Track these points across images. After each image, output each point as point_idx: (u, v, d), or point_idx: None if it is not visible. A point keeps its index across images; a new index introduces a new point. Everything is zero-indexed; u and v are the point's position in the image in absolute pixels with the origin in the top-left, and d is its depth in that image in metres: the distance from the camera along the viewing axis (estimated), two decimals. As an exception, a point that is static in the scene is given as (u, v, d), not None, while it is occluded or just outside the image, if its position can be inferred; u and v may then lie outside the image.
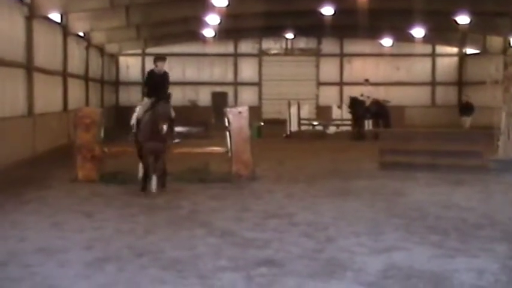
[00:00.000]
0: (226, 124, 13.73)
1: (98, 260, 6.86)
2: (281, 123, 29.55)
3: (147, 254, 7.14)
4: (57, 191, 11.85)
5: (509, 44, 32.92)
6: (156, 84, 11.53)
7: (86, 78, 28.48)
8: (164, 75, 11.73)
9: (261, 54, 39.07)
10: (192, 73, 37.68)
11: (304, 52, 39.15)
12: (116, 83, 37.25)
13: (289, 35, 37.22)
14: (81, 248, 7.45)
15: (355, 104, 26.19)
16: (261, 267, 6.60)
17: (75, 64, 26.18)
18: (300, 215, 9.57)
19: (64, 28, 23.89)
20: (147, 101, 11.58)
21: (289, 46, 39.01)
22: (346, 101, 28.67)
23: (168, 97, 11.05)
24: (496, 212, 9.84)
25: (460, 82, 38.49)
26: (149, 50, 36.40)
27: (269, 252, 7.27)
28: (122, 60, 37.68)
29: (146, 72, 12.02)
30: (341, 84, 38.67)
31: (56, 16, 22.76)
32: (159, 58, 11.84)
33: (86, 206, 10.27)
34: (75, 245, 7.56)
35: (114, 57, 36.36)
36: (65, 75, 24.12)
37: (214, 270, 6.53)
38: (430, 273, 6.40)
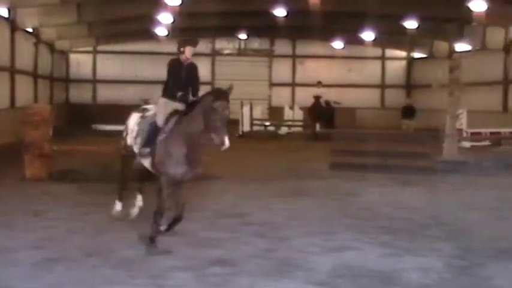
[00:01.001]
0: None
1: (47, 260, 6.73)
2: (234, 123, 29.53)
3: (98, 254, 7.04)
4: (6, 190, 11.54)
5: (454, 49, 33.84)
6: (180, 80, 7.76)
7: (34, 74, 27.87)
8: (192, 68, 7.97)
9: (214, 54, 38.98)
10: (145, 71, 37.22)
11: (257, 53, 39.24)
12: (66, 80, 36.55)
13: (243, 36, 37.26)
14: (31, 248, 7.28)
15: (319, 106, 27.06)
16: (213, 267, 6.59)
17: (24, 60, 25.57)
18: (253, 215, 9.59)
19: (12, 23, 23.33)
20: (165, 102, 7.74)
21: (242, 46, 39.04)
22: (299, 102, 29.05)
23: (229, 90, 7.18)
24: (443, 213, 10.10)
25: (409, 85, 39.30)
26: (101, 48, 35.90)
27: (222, 251, 7.26)
28: (73, 57, 36.97)
29: (168, 62, 8.04)
30: (293, 85, 38.95)
31: (3, 11, 22.18)
32: (188, 41, 8.00)
33: (35, 205, 10.05)
34: (24, 245, 7.39)
35: (64, 54, 35.66)
36: (12, 71, 23.54)
37: (166, 269, 6.48)
38: (379, 272, 6.52)
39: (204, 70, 38.35)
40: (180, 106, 7.62)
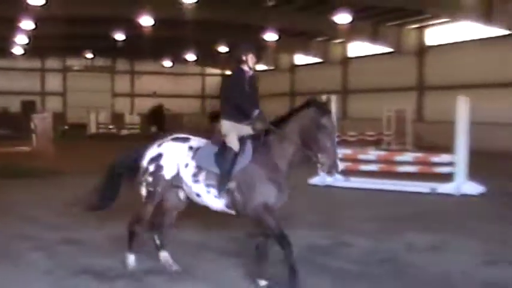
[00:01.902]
0: (33, 127, 12.93)
1: None
2: (83, 126, 29.59)
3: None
4: None
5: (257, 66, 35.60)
6: (246, 96, 5.22)
7: None
8: (255, 80, 5.44)
9: (66, 70, 37.45)
10: (3, 84, 34.84)
11: (101, 69, 38.34)
12: None
13: (89, 55, 36.03)
14: None
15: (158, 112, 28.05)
16: (62, 245, 6.36)
17: None
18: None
19: None
20: (234, 126, 5.17)
21: (89, 64, 37.82)
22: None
23: (329, 102, 5.12)
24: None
25: (218, 95, 40.71)
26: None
27: (68, 232, 7.00)
28: None
29: (232, 73, 5.43)
30: (132, 95, 38.98)
31: None
32: (252, 48, 5.37)
33: None
34: None
35: None
36: None
37: (20, 250, 6.13)
38: (197, 243, 6.75)
39: (57, 83, 37.03)
40: (250, 130, 5.10)
